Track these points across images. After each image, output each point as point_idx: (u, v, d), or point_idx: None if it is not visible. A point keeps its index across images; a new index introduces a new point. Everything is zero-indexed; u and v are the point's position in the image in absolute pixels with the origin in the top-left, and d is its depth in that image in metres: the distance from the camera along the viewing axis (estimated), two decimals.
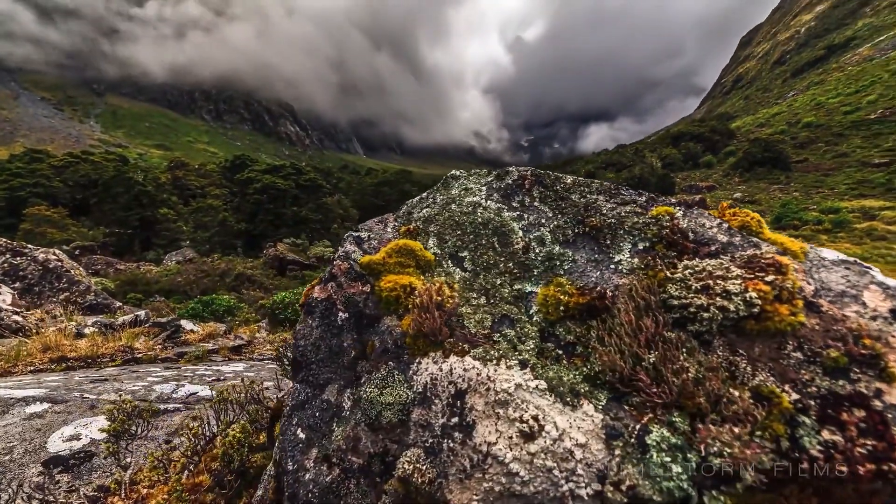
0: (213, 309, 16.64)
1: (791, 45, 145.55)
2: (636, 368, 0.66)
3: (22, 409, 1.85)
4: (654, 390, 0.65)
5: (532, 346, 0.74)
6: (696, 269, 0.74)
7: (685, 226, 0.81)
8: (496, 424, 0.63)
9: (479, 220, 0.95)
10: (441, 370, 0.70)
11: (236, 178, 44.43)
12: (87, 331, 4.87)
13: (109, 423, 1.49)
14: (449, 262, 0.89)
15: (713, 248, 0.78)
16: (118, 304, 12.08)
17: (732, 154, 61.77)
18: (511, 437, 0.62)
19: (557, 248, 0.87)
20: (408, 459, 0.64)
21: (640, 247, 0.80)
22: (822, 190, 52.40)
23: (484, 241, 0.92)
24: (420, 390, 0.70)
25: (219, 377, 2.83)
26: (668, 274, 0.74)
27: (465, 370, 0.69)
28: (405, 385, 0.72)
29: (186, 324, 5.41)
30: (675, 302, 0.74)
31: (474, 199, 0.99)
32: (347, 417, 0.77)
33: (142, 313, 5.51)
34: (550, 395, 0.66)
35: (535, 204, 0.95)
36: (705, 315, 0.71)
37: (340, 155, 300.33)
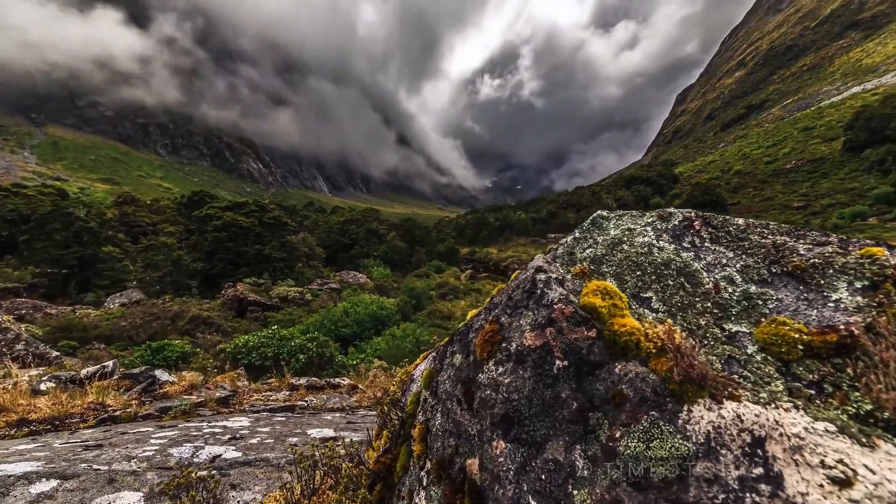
0: (164, 356, 15.16)
1: (718, 103, 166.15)
2: None
3: (25, 488, 1.49)
4: None
5: (781, 387, 0.72)
6: None
7: None
8: (799, 472, 0.59)
9: (659, 260, 0.95)
10: (723, 417, 0.66)
11: (194, 215, 42.39)
12: (43, 386, 4.25)
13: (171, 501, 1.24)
14: (633, 302, 0.87)
15: None
16: (55, 353, 10.83)
17: (678, 196, 67.54)
18: (822, 486, 0.58)
19: (754, 288, 0.87)
20: None
21: (858, 286, 0.82)
22: None
23: (671, 282, 0.91)
24: (701, 441, 0.65)
25: (233, 434, 2.50)
26: None
27: (756, 415, 0.65)
28: (678, 436, 0.67)
29: (162, 374, 4.86)
30: None
31: (645, 239, 1.00)
32: (588, 478, 0.69)
33: (109, 364, 4.90)
34: (843, 437, 0.64)
35: (707, 244, 0.97)
36: None
37: (305, 192, 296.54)
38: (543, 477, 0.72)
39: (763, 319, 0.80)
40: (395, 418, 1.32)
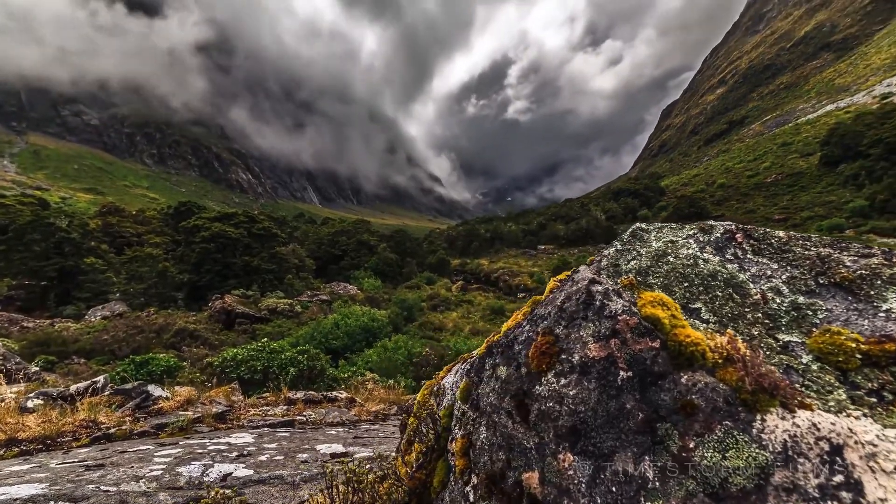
0: (148, 370, 14.72)
1: (701, 119, 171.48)
2: None
3: None
4: None
5: (844, 396, 0.74)
6: None
7: None
8: (876, 479, 0.60)
9: (705, 271, 0.97)
10: (798, 426, 0.67)
11: (181, 226, 41.70)
12: (31, 404, 4.08)
13: None
14: (682, 313, 0.89)
15: None
16: (34, 368, 10.53)
17: (664, 209, 68.91)
18: None
19: (802, 299, 0.90)
20: None
21: None
22: None
23: (719, 293, 0.93)
24: (779, 449, 0.65)
25: (240, 451, 2.42)
26: None
27: (832, 424, 0.66)
28: (754, 445, 0.67)
29: (155, 389, 4.71)
30: None
31: (689, 251, 1.02)
32: (661, 489, 0.69)
33: (99, 379, 4.73)
34: None
35: (749, 256, 1.00)
36: None
37: (295, 203, 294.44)
38: (614, 489, 0.72)
39: (815, 329, 0.82)
40: (430, 432, 1.30)
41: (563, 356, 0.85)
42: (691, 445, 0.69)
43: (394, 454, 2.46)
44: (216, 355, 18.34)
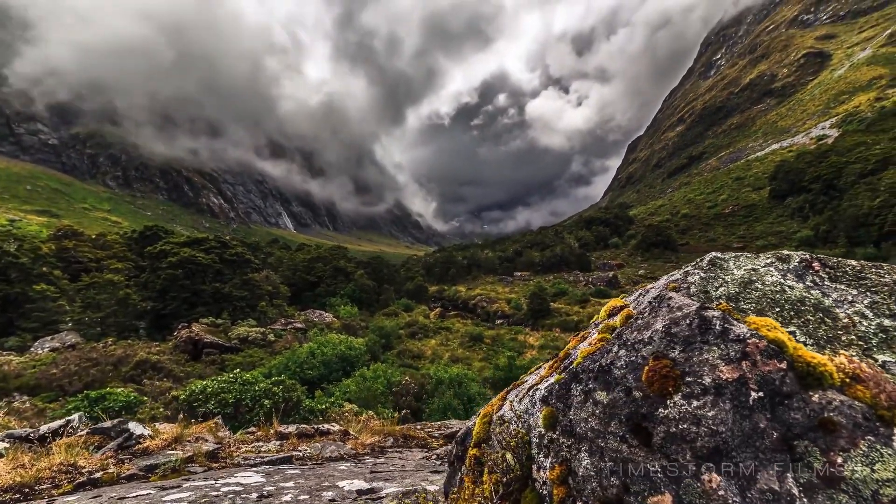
0: (104, 407, 13.59)
1: (664, 153, 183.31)
2: None
3: None
4: None
5: None
6: None
7: None
8: None
9: (793, 297, 1.05)
10: None
11: (147, 251, 39.71)
12: None
13: None
14: None
15: None
16: None
17: (633, 237, 71.95)
18: None
19: (887, 322, 0.99)
20: None
21: None
22: None
23: (810, 317, 1.01)
24: None
25: (259, 493, 2.24)
26: None
27: None
28: None
29: (136, 427, 4.35)
30: None
31: (774, 278, 1.10)
32: None
33: (74, 418, 4.33)
34: None
35: (828, 283, 1.09)
36: None
37: (269, 229, 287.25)
38: None
39: None
40: (516, 462, 1.29)
41: (689, 379, 0.89)
42: (838, 461, 0.74)
43: (428, 488, 2.36)
44: (182, 388, 17.14)
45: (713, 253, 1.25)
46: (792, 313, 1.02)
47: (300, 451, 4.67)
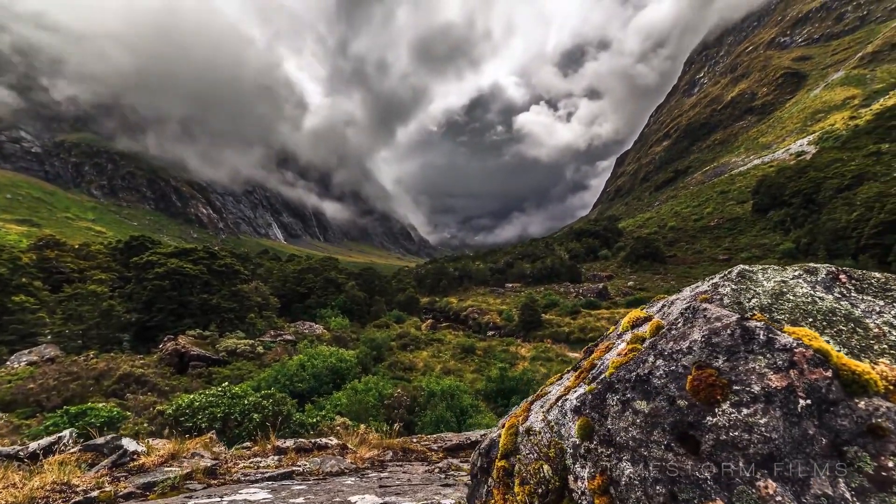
0: (85, 422, 13.14)
1: (651, 167, 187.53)
2: None
3: None
4: None
5: None
6: None
7: None
8: None
9: (824, 308, 1.10)
10: None
11: (133, 262, 38.89)
12: None
13: None
14: None
15: None
16: None
17: (623, 249, 72.89)
18: None
19: None
20: None
21: None
22: (690, 279, 63.75)
23: (842, 327, 1.05)
24: None
25: None
26: None
27: None
28: None
29: (129, 444, 4.22)
30: None
31: (804, 290, 1.15)
32: None
33: (65, 434, 4.18)
34: None
35: (854, 294, 1.14)
36: None
37: (258, 240, 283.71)
38: None
39: None
40: (552, 473, 1.30)
41: (737, 387, 0.92)
42: (889, 465, 0.77)
43: (443, 502, 2.34)
44: (167, 403, 16.64)
45: (741, 266, 1.30)
46: (824, 324, 1.06)
47: (300, 465, 4.57)
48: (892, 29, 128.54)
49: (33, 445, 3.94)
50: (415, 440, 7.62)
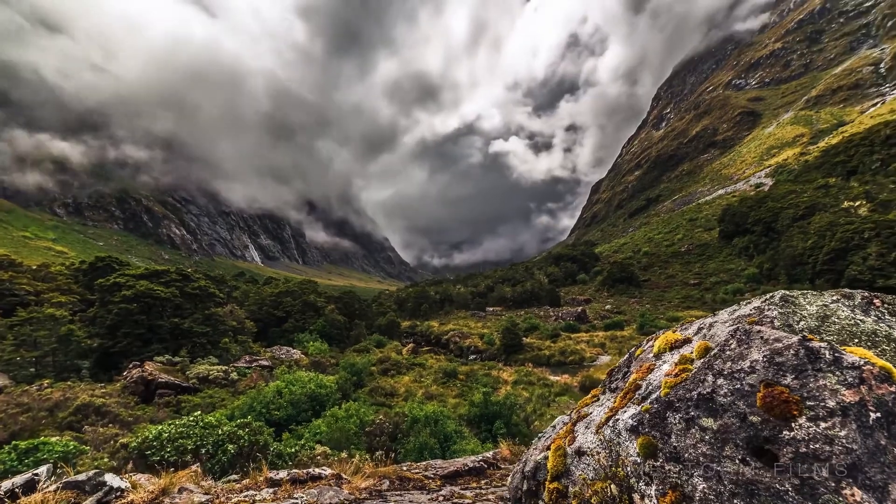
0: (36, 459, 12.10)
1: (624, 195, 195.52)
2: None
3: None
4: None
5: None
6: None
7: None
8: None
9: (867, 329, 1.21)
10: None
11: (98, 284, 36.84)
12: None
13: None
14: None
15: None
16: None
17: (600, 273, 74.64)
18: None
19: None
20: None
21: None
22: (664, 303, 65.65)
23: (886, 347, 1.16)
24: None
25: None
26: None
27: None
28: None
29: (113, 480, 3.93)
30: None
31: (846, 313, 1.27)
32: None
33: (41, 470, 3.86)
34: None
35: (888, 317, 1.27)
36: None
37: (234, 262, 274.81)
38: None
39: None
40: (617, 492, 1.34)
41: (811, 403, 1.01)
42: None
43: None
44: (131, 435, 15.49)
45: (782, 291, 1.42)
46: (869, 344, 1.18)
47: (297, 498, 4.35)
48: (832, 76, 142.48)
49: (5, 485, 3.61)
50: (405, 468, 7.37)
